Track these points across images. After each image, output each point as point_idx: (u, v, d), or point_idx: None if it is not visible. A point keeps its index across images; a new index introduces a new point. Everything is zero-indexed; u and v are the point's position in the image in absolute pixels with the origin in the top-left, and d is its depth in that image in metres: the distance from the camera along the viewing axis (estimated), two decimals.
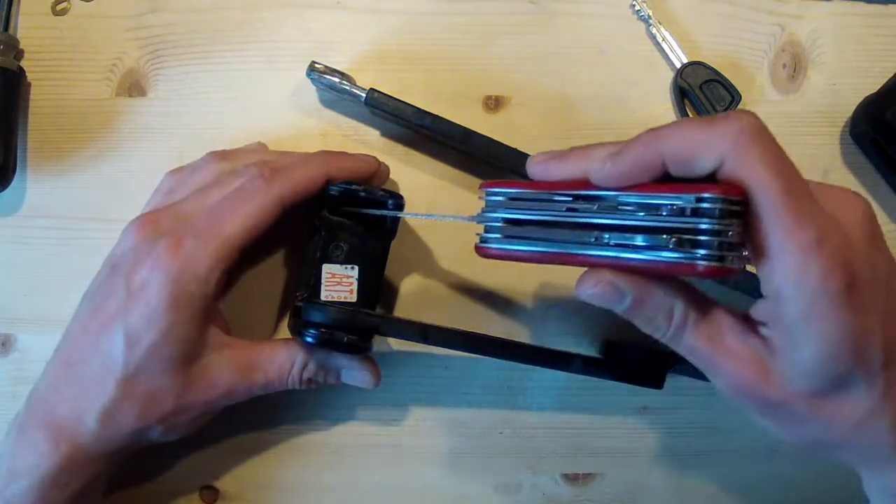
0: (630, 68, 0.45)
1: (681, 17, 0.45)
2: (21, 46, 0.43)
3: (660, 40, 0.45)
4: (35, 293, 0.44)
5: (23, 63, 0.43)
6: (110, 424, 0.35)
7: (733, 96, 0.44)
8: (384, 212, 0.38)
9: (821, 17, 0.45)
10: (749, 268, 0.30)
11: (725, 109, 0.44)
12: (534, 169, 0.32)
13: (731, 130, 0.27)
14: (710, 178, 0.28)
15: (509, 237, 0.32)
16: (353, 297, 0.37)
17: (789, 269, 0.27)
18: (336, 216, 0.38)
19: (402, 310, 0.44)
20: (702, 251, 0.27)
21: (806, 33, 0.45)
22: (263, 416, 0.44)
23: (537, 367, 0.41)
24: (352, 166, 0.39)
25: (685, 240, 0.27)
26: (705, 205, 0.27)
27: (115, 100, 0.44)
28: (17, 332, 0.44)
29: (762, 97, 0.45)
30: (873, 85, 0.45)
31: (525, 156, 0.41)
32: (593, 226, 0.30)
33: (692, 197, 0.27)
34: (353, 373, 0.39)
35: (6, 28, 0.43)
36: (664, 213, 0.28)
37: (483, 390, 0.45)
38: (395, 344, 0.44)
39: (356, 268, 0.38)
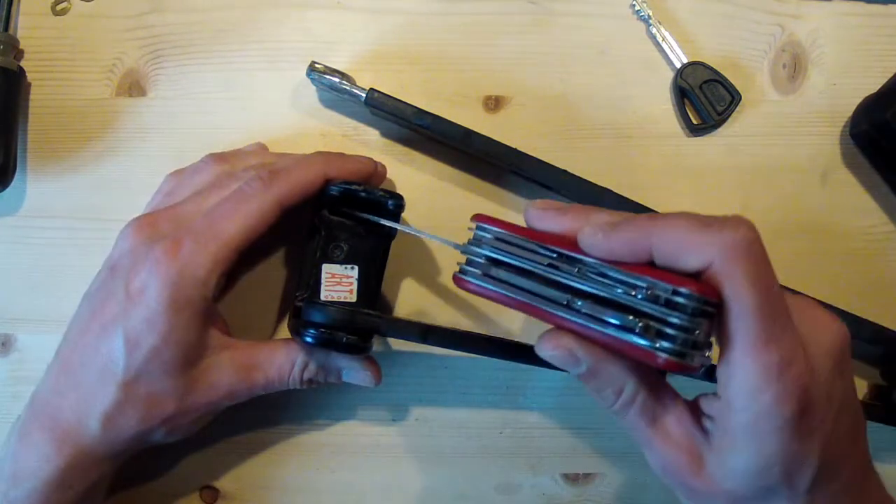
0: (630, 68, 0.45)
1: (681, 17, 0.45)
2: (21, 46, 0.43)
3: (660, 40, 0.45)
4: (35, 293, 0.44)
5: (23, 63, 0.43)
6: (113, 427, 0.35)
7: (733, 96, 0.44)
8: (376, 218, 0.38)
9: (821, 17, 0.45)
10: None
11: (725, 109, 0.44)
12: (530, 214, 0.32)
13: (724, 240, 0.27)
14: (692, 273, 0.28)
15: (487, 276, 0.32)
16: (353, 297, 0.37)
17: (746, 384, 0.28)
18: (336, 216, 0.38)
19: (402, 310, 0.44)
20: (666, 343, 0.27)
21: (806, 33, 0.45)
22: (263, 416, 0.44)
23: (537, 367, 0.41)
24: (349, 167, 0.39)
25: (653, 328, 0.28)
26: (680, 299, 0.27)
27: (115, 100, 0.44)
28: (17, 332, 0.44)
29: (762, 97, 0.45)
30: (873, 85, 0.45)
31: (524, 156, 0.41)
32: (568, 288, 0.30)
33: (670, 287, 0.27)
34: (354, 372, 0.39)
35: (6, 28, 0.43)
36: (639, 297, 0.28)
37: (483, 390, 0.45)
38: (395, 344, 0.44)
39: (356, 268, 0.38)
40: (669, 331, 0.27)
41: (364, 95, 0.41)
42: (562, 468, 0.45)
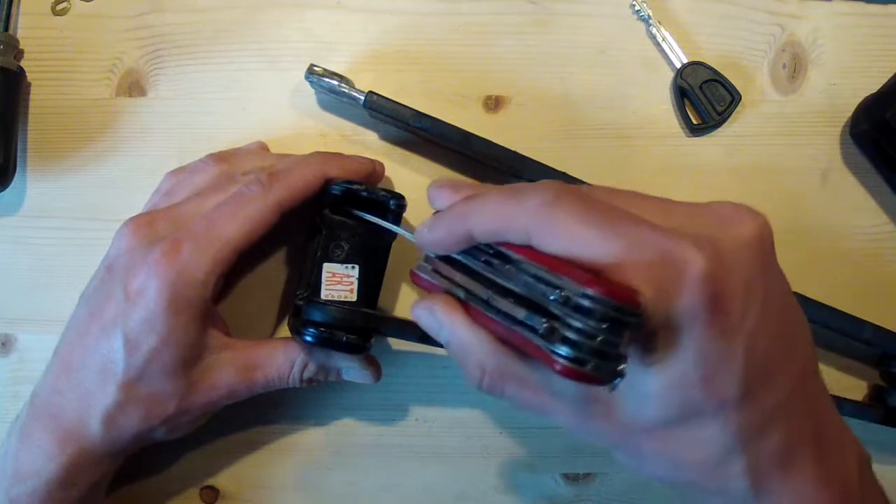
0: (630, 68, 0.45)
1: (681, 17, 0.45)
2: (21, 46, 0.43)
3: (660, 40, 0.45)
4: (35, 293, 0.44)
5: (23, 63, 0.43)
6: (114, 427, 0.35)
7: (733, 96, 0.44)
8: (373, 218, 0.38)
9: (821, 17, 0.45)
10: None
11: (725, 109, 0.44)
12: (429, 192, 0.32)
13: (529, 207, 0.27)
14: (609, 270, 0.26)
15: (436, 272, 0.32)
16: (354, 297, 0.37)
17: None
18: (337, 215, 0.38)
19: (402, 310, 0.44)
20: (565, 348, 0.25)
21: (806, 33, 0.45)
22: (263, 415, 0.44)
23: None
24: (348, 167, 0.39)
25: (558, 331, 0.26)
26: (585, 302, 0.25)
27: (115, 100, 0.44)
28: (17, 332, 0.44)
29: (762, 97, 0.45)
30: (873, 85, 0.45)
31: (524, 159, 0.41)
32: (495, 285, 0.29)
33: (578, 288, 0.25)
34: (354, 371, 0.39)
35: (6, 28, 0.43)
36: (552, 297, 0.26)
37: None
38: (395, 344, 0.44)
39: (357, 267, 0.38)
40: (571, 335, 0.25)
41: (363, 98, 0.41)
42: (562, 468, 0.45)
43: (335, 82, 0.41)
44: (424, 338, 0.37)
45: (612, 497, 0.46)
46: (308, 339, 0.36)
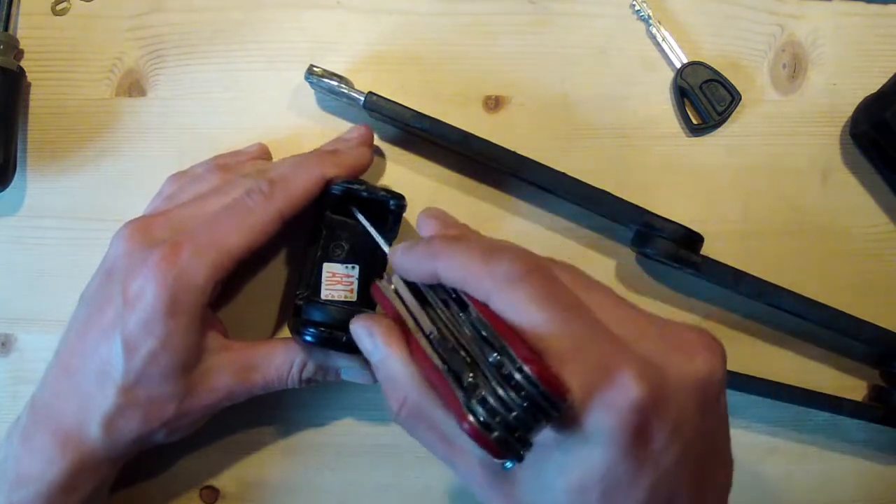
0: (630, 68, 0.45)
1: (681, 17, 0.45)
2: (21, 46, 0.43)
3: (660, 40, 0.45)
4: (35, 293, 0.44)
5: (23, 63, 0.43)
6: (113, 431, 0.35)
7: (733, 96, 0.44)
8: (365, 222, 0.38)
9: (821, 17, 0.45)
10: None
11: (725, 109, 0.44)
12: (418, 219, 0.34)
13: (496, 274, 0.27)
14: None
15: (395, 292, 0.33)
16: (354, 297, 0.37)
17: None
18: (337, 215, 0.38)
19: None
20: (480, 409, 0.25)
21: (806, 33, 0.45)
22: (263, 416, 0.44)
23: None
24: (347, 164, 0.39)
25: (479, 389, 0.26)
26: (517, 375, 0.25)
27: (115, 100, 0.44)
28: (17, 332, 0.44)
29: (762, 97, 0.45)
30: (873, 85, 0.45)
31: (523, 159, 0.41)
32: (441, 323, 0.30)
33: (517, 360, 0.25)
34: (353, 371, 0.39)
35: (6, 28, 0.43)
36: (490, 357, 0.26)
37: None
38: None
39: (357, 267, 0.38)
40: (491, 399, 0.25)
41: (363, 99, 0.41)
42: None
43: (335, 83, 0.41)
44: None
45: None
46: (308, 338, 0.36)
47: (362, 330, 0.32)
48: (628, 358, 0.26)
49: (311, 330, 0.36)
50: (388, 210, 0.38)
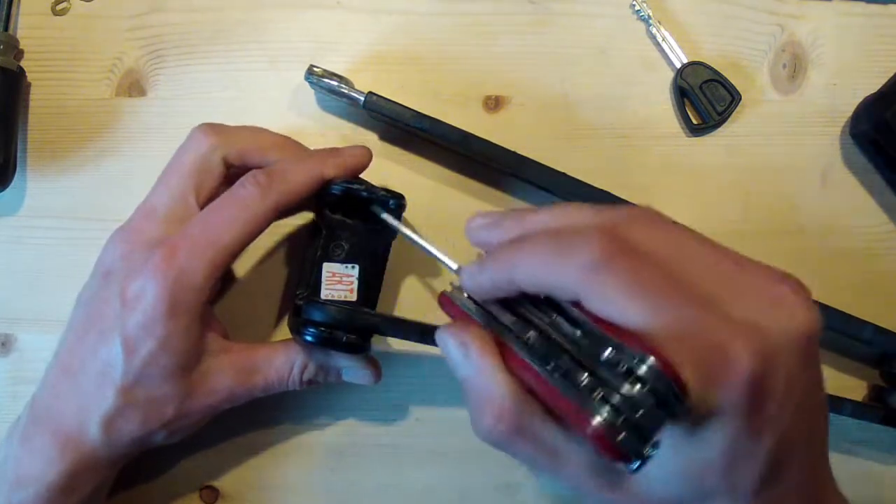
0: (630, 68, 0.45)
1: (681, 17, 0.45)
2: (21, 46, 0.43)
3: (660, 40, 0.45)
4: (35, 293, 0.44)
5: (23, 63, 0.43)
6: (113, 432, 0.35)
7: (733, 96, 0.44)
8: (390, 220, 0.37)
9: (821, 17, 0.45)
10: None
11: (725, 109, 0.44)
12: (467, 230, 0.31)
13: (577, 265, 0.26)
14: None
15: (471, 299, 0.31)
16: (354, 297, 0.37)
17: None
18: (337, 215, 0.38)
19: (402, 310, 0.44)
20: (605, 410, 0.24)
21: (806, 33, 0.45)
22: (263, 416, 0.44)
23: None
24: (346, 164, 0.39)
25: (598, 389, 0.24)
26: (642, 370, 0.24)
27: (115, 100, 0.44)
28: (17, 332, 0.44)
29: (762, 97, 0.45)
30: (873, 85, 0.45)
31: (523, 159, 0.41)
32: (536, 328, 0.28)
33: (638, 354, 0.24)
34: (354, 371, 0.39)
35: (6, 28, 0.43)
36: (603, 356, 0.25)
37: None
38: (395, 344, 0.44)
39: (357, 267, 0.38)
40: (615, 399, 0.24)
41: (362, 99, 0.41)
42: None
43: (335, 83, 0.41)
44: (424, 338, 0.37)
45: None
46: (308, 338, 0.36)
47: (454, 341, 0.29)
48: (735, 331, 0.25)
49: (312, 330, 0.36)
50: (388, 209, 0.38)
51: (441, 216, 0.44)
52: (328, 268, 0.37)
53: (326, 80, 0.41)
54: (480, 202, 0.45)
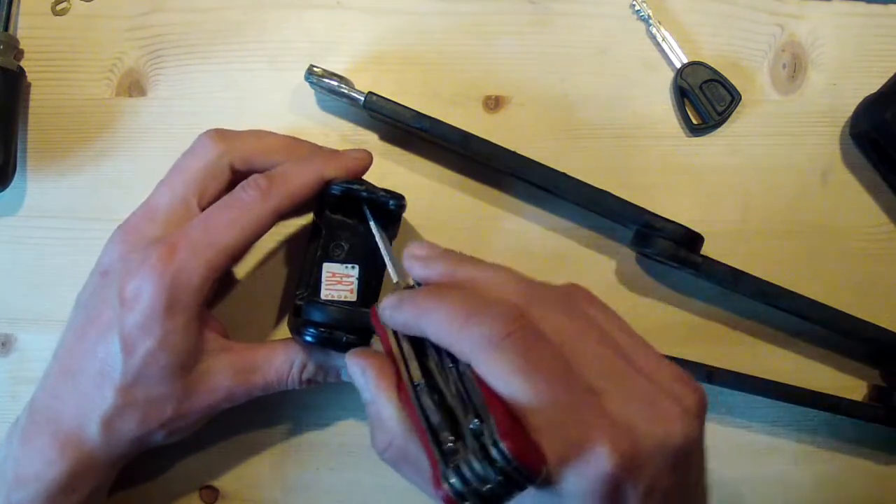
0: (630, 68, 0.45)
1: (681, 17, 0.45)
2: (21, 46, 0.43)
3: (660, 40, 0.45)
4: (35, 293, 0.44)
5: (23, 63, 0.43)
6: (112, 431, 0.35)
7: (733, 96, 0.44)
8: (370, 221, 0.38)
9: (821, 17, 0.45)
10: None
11: (725, 109, 0.44)
12: (406, 259, 0.32)
13: (476, 334, 0.27)
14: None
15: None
16: (354, 297, 0.37)
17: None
18: (337, 215, 0.38)
19: None
20: (455, 479, 0.26)
21: (806, 33, 0.45)
22: (263, 416, 0.44)
23: None
24: (346, 166, 0.39)
25: (456, 455, 0.27)
26: (494, 451, 0.25)
27: (115, 100, 0.44)
28: (17, 332, 0.44)
29: (762, 97, 0.45)
30: (873, 85, 0.45)
31: (523, 159, 0.41)
32: (429, 376, 0.30)
33: (495, 435, 0.26)
34: None
35: (6, 28, 0.43)
36: (471, 425, 0.27)
37: None
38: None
39: (357, 267, 0.38)
40: (466, 471, 0.26)
41: (363, 99, 0.41)
42: None
43: (335, 83, 0.41)
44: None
45: None
46: (308, 339, 0.36)
47: (355, 367, 0.32)
48: (604, 430, 0.26)
49: (311, 330, 0.36)
50: (388, 210, 0.38)
51: (441, 216, 0.44)
52: (328, 268, 0.37)
53: (326, 80, 0.41)
54: (480, 202, 0.45)
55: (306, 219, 0.43)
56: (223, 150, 0.37)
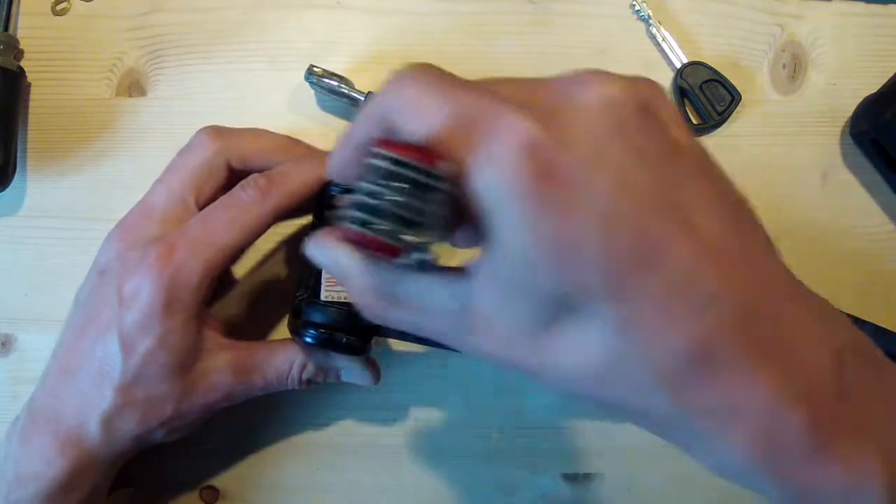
0: (630, 68, 0.45)
1: (681, 17, 0.45)
2: (21, 46, 0.43)
3: (660, 40, 0.45)
4: (35, 293, 0.44)
5: (23, 63, 0.43)
6: (112, 431, 0.35)
7: (733, 96, 0.44)
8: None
9: (821, 17, 0.45)
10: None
11: (725, 109, 0.44)
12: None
13: (385, 87, 0.24)
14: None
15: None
16: None
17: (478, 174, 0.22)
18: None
19: None
20: (351, 211, 0.22)
21: (806, 33, 0.45)
22: (263, 416, 0.44)
23: None
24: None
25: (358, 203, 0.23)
26: (374, 161, 0.22)
27: (115, 100, 0.44)
28: (17, 331, 0.44)
29: (762, 97, 0.45)
30: (873, 85, 0.45)
31: None
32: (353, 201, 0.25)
33: (379, 153, 0.22)
34: (353, 372, 0.39)
35: (6, 28, 0.43)
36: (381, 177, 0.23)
37: (483, 390, 0.45)
38: (395, 344, 0.44)
39: None
40: (357, 196, 0.22)
41: (363, 99, 0.41)
42: (562, 468, 0.45)
43: (335, 83, 0.41)
44: (424, 338, 0.37)
45: (612, 497, 0.46)
46: (308, 340, 0.36)
47: (313, 248, 0.28)
48: (500, 104, 0.22)
49: (311, 331, 0.36)
50: None
51: None
52: None
53: (326, 80, 0.41)
54: None
55: (306, 219, 0.43)
56: (220, 148, 0.37)
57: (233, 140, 0.38)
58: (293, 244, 0.44)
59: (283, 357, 0.38)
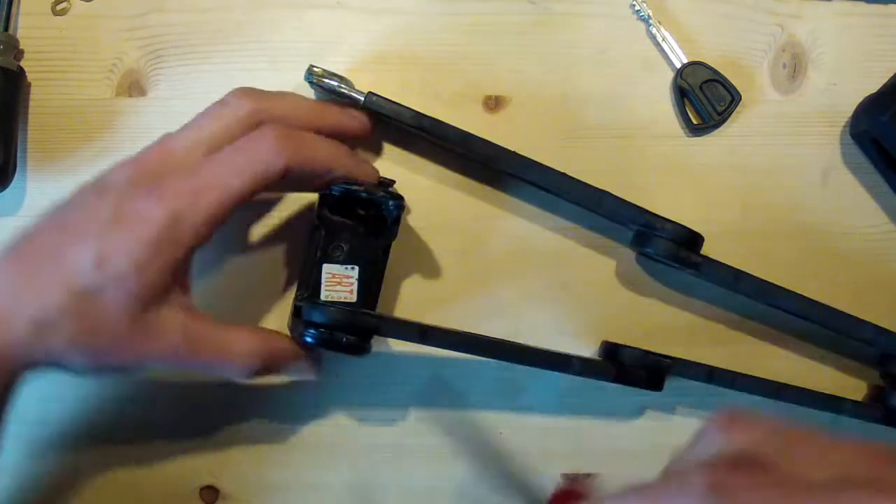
0: (630, 68, 0.45)
1: (681, 17, 0.45)
2: (21, 46, 0.43)
3: (660, 40, 0.45)
4: None
5: (23, 63, 0.43)
6: (40, 332, 0.33)
7: (733, 96, 0.44)
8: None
9: (821, 17, 0.45)
10: None
11: (725, 109, 0.44)
12: None
13: None
14: None
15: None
16: (353, 298, 0.37)
17: None
18: (337, 216, 0.38)
19: (402, 310, 0.44)
20: None
21: (806, 33, 0.45)
22: (263, 415, 0.44)
23: (537, 368, 0.41)
24: (368, 173, 0.39)
25: None
26: None
27: (115, 100, 0.44)
28: None
29: (762, 97, 0.45)
30: (873, 85, 0.45)
31: (524, 159, 0.41)
32: None
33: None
34: (297, 370, 0.39)
35: (6, 28, 0.43)
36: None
37: (483, 390, 0.45)
38: (395, 344, 0.44)
39: (356, 268, 0.38)
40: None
41: (363, 99, 0.41)
42: (562, 468, 0.45)
43: (335, 83, 0.41)
44: (424, 338, 0.38)
45: None
46: (308, 340, 0.36)
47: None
48: None
49: (312, 331, 0.36)
50: (388, 211, 0.38)
51: (441, 216, 0.44)
52: (328, 269, 0.37)
53: (326, 80, 0.41)
54: (480, 202, 0.45)
55: (306, 218, 0.44)
56: (254, 110, 0.37)
57: (269, 103, 0.37)
58: (293, 244, 0.44)
59: (236, 338, 0.37)
